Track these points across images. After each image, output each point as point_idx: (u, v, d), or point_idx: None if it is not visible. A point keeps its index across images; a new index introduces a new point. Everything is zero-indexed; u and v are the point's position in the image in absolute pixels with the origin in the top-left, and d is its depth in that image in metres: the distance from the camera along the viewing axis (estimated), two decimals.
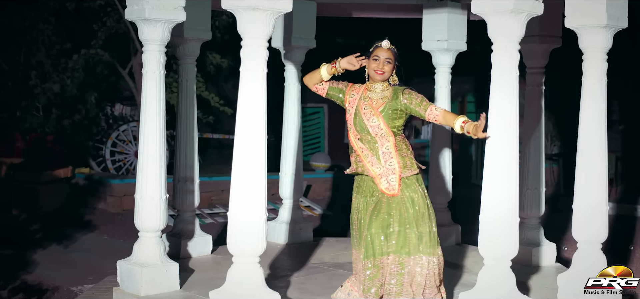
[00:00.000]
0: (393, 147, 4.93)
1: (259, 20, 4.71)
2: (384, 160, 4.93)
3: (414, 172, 4.96)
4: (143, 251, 5.63)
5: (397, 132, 4.96)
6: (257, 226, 4.80)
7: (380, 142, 4.94)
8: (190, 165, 6.82)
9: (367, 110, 4.96)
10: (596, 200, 5.39)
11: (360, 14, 7.86)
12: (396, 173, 4.91)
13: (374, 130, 4.94)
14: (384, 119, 4.92)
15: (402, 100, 4.91)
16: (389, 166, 4.92)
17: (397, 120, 4.95)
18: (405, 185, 4.92)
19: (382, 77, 4.97)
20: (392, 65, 4.98)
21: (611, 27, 5.26)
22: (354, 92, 5.08)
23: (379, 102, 4.96)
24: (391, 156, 4.92)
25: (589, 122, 5.38)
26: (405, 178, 4.92)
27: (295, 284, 6.00)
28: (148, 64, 5.56)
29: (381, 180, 4.92)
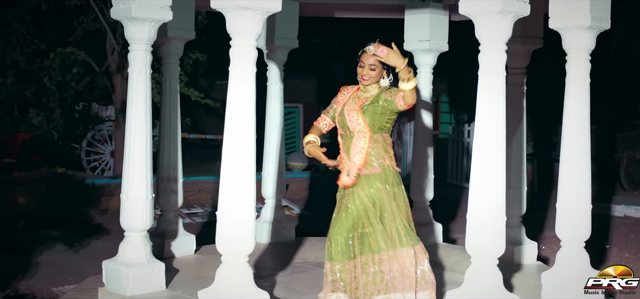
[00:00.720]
0: (367, 143, 4.95)
1: (249, 19, 4.71)
2: (353, 154, 4.96)
3: (377, 171, 4.94)
4: (129, 251, 5.61)
5: (377, 130, 4.97)
6: (247, 225, 4.80)
7: (356, 137, 4.99)
8: (173, 165, 6.80)
9: (351, 106, 5.02)
10: (580, 199, 5.46)
11: (343, 14, 7.89)
12: (356, 167, 4.93)
13: (353, 125, 5.00)
14: (363, 115, 4.95)
15: (383, 96, 4.95)
16: (356, 160, 4.95)
17: (378, 118, 4.95)
18: (367, 182, 4.93)
19: (368, 83, 5.01)
20: (378, 70, 4.99)
21: (595, 28, 5.34)
22: (345, 92, 5.16)
23: (365, 99, 5.01)
24: (361, 152, 4.95)
25: (573, 122, 5.45)
26: (367, 175, 4.93)
27: (281, 283, 6.01)
28: (134, 63, 5.54)
29: (343, 174, 5.00)
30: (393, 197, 4.94)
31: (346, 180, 4.98)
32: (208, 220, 11.61)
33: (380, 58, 4.94)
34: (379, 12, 7.92)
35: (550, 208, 13.33)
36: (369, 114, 4.96)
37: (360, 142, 4.97)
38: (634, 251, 9.77)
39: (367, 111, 4.97)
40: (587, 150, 5.46)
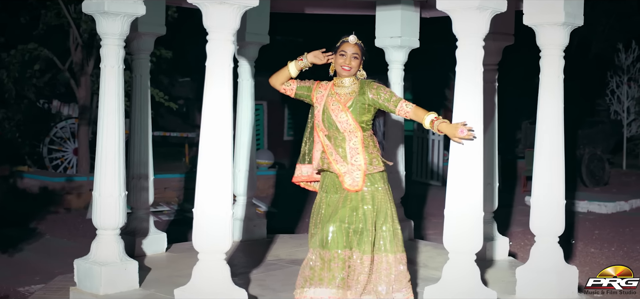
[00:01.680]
0: (360, 142, 4.91)
1: (226, 14, 4.66)
2: (350, 156, 4.90)
3: (380, 169, 4.95)
4: (102, 250, 5.52)
5: (365, 127, 4.94)
6: (224, 222, 4.75)
7: (348, 137, 4.91)
8: (144, 162, 6.71)
9: (335, 106, 4.93)
10: (554, 194, 5.50)
11: (314, 10, 7.85)
12: (361, 169, 4.89)
13: (343, 126, 4.91)
14: (352, 114, 4.89)
15: (369, 94, 4.90)
16: (354, 162, 4.89)
17: (365, 115, 4.93)
18: (370, 181, 4.91)
19: (349, 73, 4.94)
20: (359, 60, 4.95)
21: (568, 25, 5.38)
22: (321, 89, 5.04)
23: (346, 97, 4.94)
24: (358, 152, 4.90)
25: (547, 118, 5.49)
26: (369, 174, 4.92)
27: (255, 281, 5.97)
28: (107, 59, 5.45)
29: (345, 177, 4.89)
30: (376, 196, 4.91)
31: (352, 185, 4.89)
32: (175, 218, 11.50)
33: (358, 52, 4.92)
34: (351, 8, 7.90)
35: (515, 204, 13.47)
36: (358, 112, 4.91)
37: (354, 143, 4.91)
38: (599, 246, 9.90)
39: (355, 110, 4.91)
40: (561, 145, 5.51)
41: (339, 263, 4.79)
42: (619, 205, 12.80)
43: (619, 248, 9.75)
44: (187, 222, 11.17)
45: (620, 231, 10.94)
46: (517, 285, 5.59)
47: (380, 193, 4.90)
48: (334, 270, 4.79)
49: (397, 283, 4.85)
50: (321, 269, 4.81)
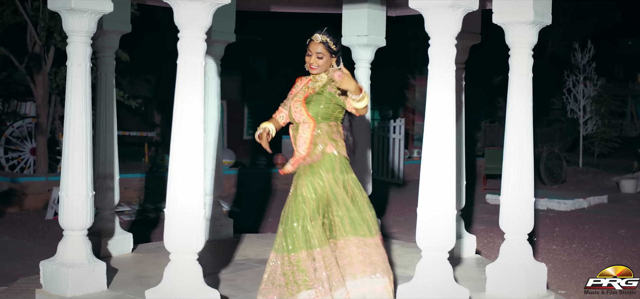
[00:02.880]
0: (310, 133, 4.94)
1: (198, 11, 4.61)
2: (298, 144, 4.99)
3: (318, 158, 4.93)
4: (69, 251, 5.42)
5: (322, 120, 4.96)
6: (196, 222, 4.69)
7: (302, 128, 5.00)
8: (109, 161, 6.61)
9: (297, 98, 5.04)
10: (523, 192, 5.53)
11: (280, 9, 7.81)
12: (300, 156, 4.98)
13: (298, 117, 5.02)
14: (306, 106, 4.94)
15: (327, 89, 4.93)
16: (301, 151, 4.99)
17: (323, 109, 4.94)
18: (311, 171, 4.92)
19: (316, 71, 4.99)
20: (326, 58, 4.98)
21: (537, 24, 5.42)
22: (298, 83, 5.18)
23: (312, 89, 5.00)
24: (305, 142, 4.97)
25: (516, 116, 5.52)
26: (308, 165, 4.93)
27: (224, 281, 5.91)
28: (73, 56, 5.35)
29: (287, 165, 5.05)
30: (343, 186, 4.92)
31: (287, 168, 5.04)
32: (136, 218, 11.36)
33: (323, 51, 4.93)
34: (317, 6, 7.88)
35: (475, 203, 13.58)
36: (313, 104, 4.96)
37: (305, 133, 4.98)
38: (560, 243, 10.02)
39: (311, 102, 4.97)
40: (530, 143, 5.54)
41: (308, 263, 4.79)
42: (578, 202, 12.98)
43: (580, 245, 9.89)
44: (148, 222, 11.05)
45: (580, 228, 11.09)
46: (487, 282, 5.62)
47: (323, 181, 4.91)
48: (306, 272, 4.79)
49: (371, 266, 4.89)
50: (292, 273, 4.80)
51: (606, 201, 13.75)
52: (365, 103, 4.81)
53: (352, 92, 4.77)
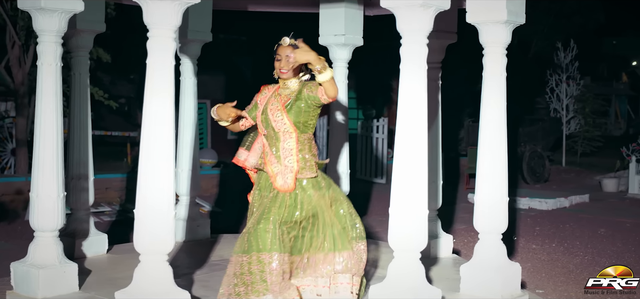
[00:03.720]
0: (295, 144, 4.88)
1: (167, 10, 4.56)
2: (283, 157, 4.89)
3: (312, 175, 4.93)
4: (40, 252, 5.37)
5: (302, 128, 4.92)
6: (166, 222, 4.65)
7: (283, 137, 4.91)
8: (84, 162, 6.56)
9: (274, 106, 4.94)
10: (497, 192, 5.53)
11: (257, 8, 7.78)
12: (293, 172, 4.88)
13: (278, 125, 4.91)
14: (287, 114, 4.88)
15: (305, 92, 4.89)
16: (287, 163, 4.88)
17: (302, 116, 4.90)
18: (302, 187, 4.89)
19: (286, 76, 4.95)
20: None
21: (511, 23, 5.41)
22: (266, 91, 5.09)
23: (286, 97, 4.94)
24: (291, 153, 4.89)
25: (490, 116, 5.51)
26: (301, 178, 4.89)
27: (198, 282, 5.88)
28: (44, 56, 5.30)
29: (277, 178, 4.90)
30: (329, 203, 4.90)
31: (283, 186, 4.89)
32: (116, 219, 11.30)
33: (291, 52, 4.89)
34: (294, 6, 7.85)
35: (458, 202, 13.58)
36: (294, 112, 4.88)
37: (288, 143, 4.89)
38: (540, 242, 10.04)
39: (291, 109, 4.89)
40: (504, 143, 5.53)
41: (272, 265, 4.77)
42: (559, 201, 13.02)
43: (560, 244, 9.91)
44: (129, 222, 10.92)
45: (560, 227, 11.12)
46: (461, 282, 5.61)
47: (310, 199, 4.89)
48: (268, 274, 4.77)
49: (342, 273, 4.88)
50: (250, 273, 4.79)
51: (588, 201, 13.80)
52: (330, 74, 4.73)
53: (313, 63, 4.71)
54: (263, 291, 4.77)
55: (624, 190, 15.05)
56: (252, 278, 4.80)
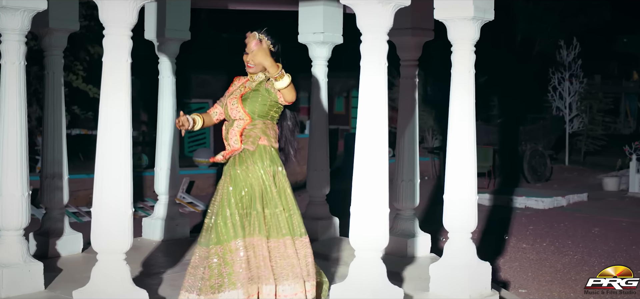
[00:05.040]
0: (242, 127, 4.87)
1: (122, 8, 4.55)
2: (231, 138, 4.91)
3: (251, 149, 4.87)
4: (4, 251, 5.35)
5: (258, 117, 4.89)
6: (122, 222, 4.63)
7: (236, 124, 4.92)
8: (58, 161, 6.54)
9: (234, 95, 4.97)
10: (465, 190, 5.46)
11: (236, 6, 7.75)
12: (232, 148, 4.90)
13: (233, 113, 4.94)
14: (242, 103, 4.88)
15: (264, 86, 4.88)
16: (233, 144, 4.91)
17: (258, 107, 4.88)
18: (241, 161, 4.86)
19: (253, 70, 4.94)
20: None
21: (478, 19, 5.35)
22: (236, 82, 5.12)
23: (249, 89, 4.94)
24: (236, 135, 4.90)
25: (458, 113, 5.45)
26: (239, 155, 4.87)
27: (167, 281, 5.86)
28: (7, 55, 5.29)
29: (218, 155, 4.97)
30: (273, 177, 4.86)
31: (218, 157, 4.95)
32: None
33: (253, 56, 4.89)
34: (274, 4, 7.82)
35: None
36: (249, 102, 4.89)
37: (238, 127, 4.89)
38: (531, 241, 9.96)
39: (247, 99, 4.91)
40: (471, 141, 5.47)
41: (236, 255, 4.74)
42: (556, 200, 12.91)
43: (551, 243, 9.83)
44: None
45: (554, 226, 11.02)
46: (430, 282, 5.55)
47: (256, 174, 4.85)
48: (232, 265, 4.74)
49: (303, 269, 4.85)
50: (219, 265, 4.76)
51: (586, 199, 13.68)
52: (287, 81, 4.71)
53: (268, 69, 4.71)
54: (217, 287, 4.74)
55: (625, 189, 14.91)
56: (210, 272, 4.77)
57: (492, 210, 12.54)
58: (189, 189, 13.36)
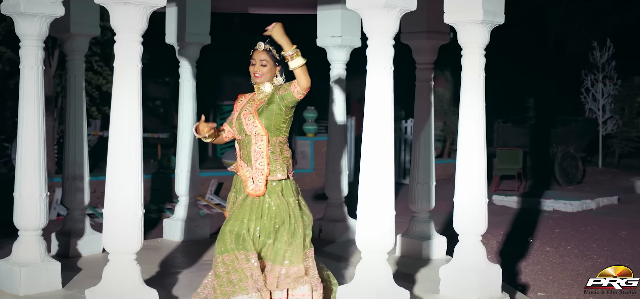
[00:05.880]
0: (266, 146, 4.91)
1: (132, 14, 4.65)
2: (254, 159, 4.90)
3: (283, 177, 4.94)
4: (22, 250, 5.52)
5: (274, 131, 4.92)
6: (133, 223, 4.74)
7: (254, 140, 4.92)
8: (79, 163, 6.70)
9: (247, 110, 4.95)
10: (474, 193, 5.49)
11: (256, 10, 7.85)
12: (263, 174, 4.90)
13: (249, 129, 4.92)
14: (258, 117, 4.90)
15: (278, 94, 4.90)
16: (258, 165, 4.91)
17: (274, 119, 4.90)
18: (272, 189, 4.92)
19: (260, 80, 4.97)
20: (270, 66, 4.96)
21: (487, 23, 5.37)
22: (242, 99, 5.12)
23: (260, 101, 4.96)
24: (262, 156, 4.90)
25: (468, 116, 5.47)
26: (271, 181, 4.92)
27: (183, 281, 5.97)
28: (25, 59, 5.46)
29: (248, 182, 4.92)
30: (291, 210, 4.93)
31: (255, 189, 4.91)
32: None
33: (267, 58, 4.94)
34: (293, 8, 7.90)
35: None
36: (265, 115, 4.89)
37: (259, 146, 4.91)
38: (556, 245, 9.90)
39: (263, 112, 4.90)
40: (482, 144, 5.49)
41: (244, 264, 4.81)
42: (585, 203, 12.76)
43: (575, 247, 9.75)
44: (149, 222, 11.15)
45: (581, 229, 10.92)
46: (440, 284, 5.58)
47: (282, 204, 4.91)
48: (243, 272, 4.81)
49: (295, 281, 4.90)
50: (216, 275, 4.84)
51: (616, 202, 13.49)
52: (301, 61, 4.74)
53: (284, 46, 4.76)
54: (231, 293, 4.82)
55: None
56: (219, 281, 4.86)
57: (519, 212, 12.48)
58: (217, 191, 13.51)
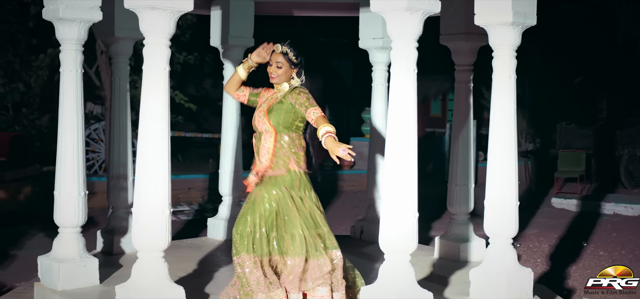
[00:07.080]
0: (272, 144, 5.01)
1: (159, 19, 4.77)
2: (262, 154, 5.05)
3: (281, 173, 5.01)
4: (61, 247, 5.72)
5: (282, 130, 5.02)
6: (160, 222, 4.87)
7: (264, 137, 5.06)
8: (123, 163, 6.91)
9: (262, 108, 5.10)
10: (505, 196, 5.44)
11: (300, 13, 7.94)
12: (264, 168, 5.03)
13: (261, 126, 5.08)
14: (268, 115, 5.02)
15: (289, 98, 5.00)
16: (264, 161, 5.04)
17: (283, 117, 5.01)
18: (271, 183, 5.00)
19: (276, 81, 5.09)
20: (285, 68, 5.07)
21: (518, 25, 5.32)
22: (265, 94, 5.23)
23: (275, 100, 5.07)
24: (268, 152, 5.02)
25: (499, 119, 5.43)
26: (269, 177, 5.00)
27: (217, 279, 6.08)
28: (65, 63, 5.65)
29: (251, 174, 5.10)
30: (300, 203, 5.00)
31: (251, 179, 5.06)
32: (193, 218, 11.72)
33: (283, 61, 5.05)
34: (335, 10, 7.96)
35: (542, 206, 13.25)
36: (274, 113, 5.02)
37: (268, 143, 5.04)
38: (610, 249, 9.70)
39: (273, 110, 5.03)
40: (513, 146, 5.44)
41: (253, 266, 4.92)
42: None
43: (630, 252, 9.55)
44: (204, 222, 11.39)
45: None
46: (470, 287, 5.56)
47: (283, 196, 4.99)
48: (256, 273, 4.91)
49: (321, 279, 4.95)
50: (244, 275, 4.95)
51: None
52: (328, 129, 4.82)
53: None
54: (251, 293, 4.93)
55: None
56: (240, 281, 4.98)
57: (577, 216, 12.26)
58: None
